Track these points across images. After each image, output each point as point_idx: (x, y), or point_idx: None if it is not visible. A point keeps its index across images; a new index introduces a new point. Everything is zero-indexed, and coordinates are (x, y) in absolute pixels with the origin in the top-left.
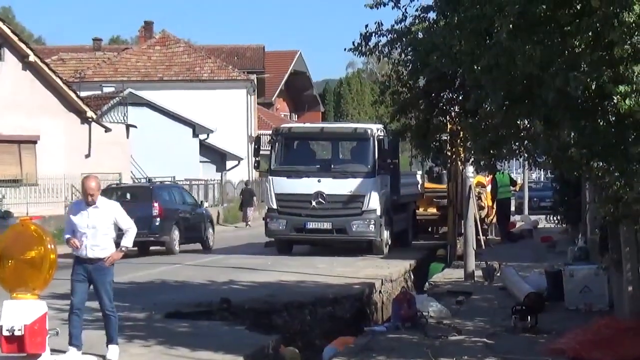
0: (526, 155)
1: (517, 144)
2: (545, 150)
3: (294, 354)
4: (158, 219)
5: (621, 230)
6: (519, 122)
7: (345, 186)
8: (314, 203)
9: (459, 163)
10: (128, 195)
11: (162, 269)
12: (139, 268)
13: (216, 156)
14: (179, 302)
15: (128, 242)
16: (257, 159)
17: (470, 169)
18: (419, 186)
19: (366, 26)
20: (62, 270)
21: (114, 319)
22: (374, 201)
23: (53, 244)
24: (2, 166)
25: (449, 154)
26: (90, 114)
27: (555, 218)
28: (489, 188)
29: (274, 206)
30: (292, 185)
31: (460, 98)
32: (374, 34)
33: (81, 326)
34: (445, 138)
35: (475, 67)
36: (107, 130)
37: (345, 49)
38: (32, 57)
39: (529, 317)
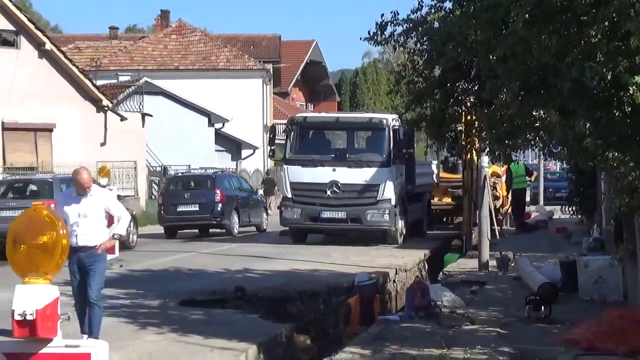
0: (541, 145)
1: (532, 134)
2: (560, 141)
3: (306, 341)
4: (220, 205)
5: (636, 220)
6: (534, 112)
7: (360, 176)
8: (328, 192)
9: (474, 153)
10: (192, 183)
11: (177, 256)
12: (154, 256)
13: (231, 145)
14: (193, 290)
15: (121, 229)
16: (272, 148)
17: (485, 159)
18: (434, 176)
19: (382, 15)
20: None
21: (98, 309)
22: (388, 191)
23: (65, 230)
24: (18, 154)
25: (464, 144)
26: (106, 102)
27: (570, 209)
28: (504, 178)
29: (289, 195)
30: (307, 175)
31: (476, 88)
32: (389, 24)
33: (83, 314)
34: (461, 128)
35: (491, 57)
36: (123, 118)
37: (360, 38)
38: (48, 46)
39: (542, 308)
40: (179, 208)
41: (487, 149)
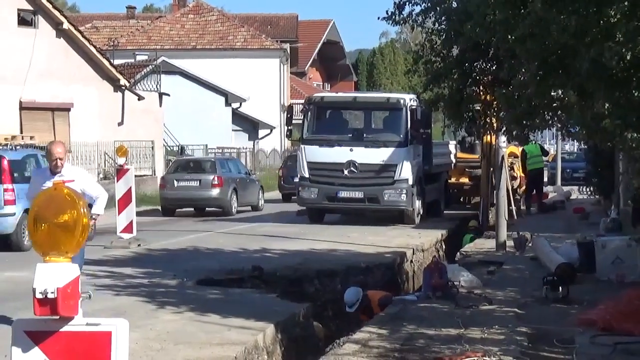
0: (559, 125)
1: (550, 114)
2: (578, 121)
3: (319, 329)
4: None
5: None
6: (552, 93)
7: (377, 155)
8: (346, 172)
9: (491, 133)
10: None
11: (195, 236)
12: (172, 235)
13: (248, 125)
14: (210, 269)
15: (99, 209)
16: (289, 127)
17: (503, 139)
18: (452, 156)
19: None
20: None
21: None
22: (406, 171)
23: (86, 208)
24: (36, 133)
25: (481, 123)
26: (123, 82)
27: (587, 189)
28: (520, 151)
29: (306, 175)
30: (324, 154)
31: (494, 68)
32: (407, 3)
33: None
34: (478, 108)
35: (510, 37)
36: (140, 98)
37: (378, 18)
38: (66, 25)
39: (560, 288)
40: (295, 179)
41: (505, 129)
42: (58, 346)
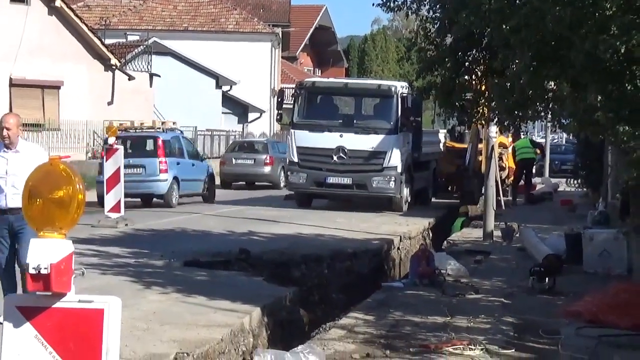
0: (551, 117)
1: (542, 105)
2: (571, 113)
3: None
4: None
5: None
6: (545, 84)
7: (367, 142)
8: (335, 158)
9: (483, 123)
10: None
11: (183, 217)
12: (159, 216)
13: (238, 108)
14: (197, 251)
15: None
16: (279, 112)
17: (493, 129)
18: (441, 145)
19: None
20: None
21: None
22: (395, 158)
23: (81, 184)
24: (26, 110)
25: (473, 113)
26: (114, 61)
27: (575, 181)
28: (511, 149)
29: (295, 159)
30: (313, 139)
31: (487, 57)
32: None
33: (10, 287)
34: (469, 97)
35: (504, 27)
36: (131, 78)
37: (373, 4)
38: (58, 2)
39: (546, 279)
40: None
41: (496, 119)
42: (50, 322)
